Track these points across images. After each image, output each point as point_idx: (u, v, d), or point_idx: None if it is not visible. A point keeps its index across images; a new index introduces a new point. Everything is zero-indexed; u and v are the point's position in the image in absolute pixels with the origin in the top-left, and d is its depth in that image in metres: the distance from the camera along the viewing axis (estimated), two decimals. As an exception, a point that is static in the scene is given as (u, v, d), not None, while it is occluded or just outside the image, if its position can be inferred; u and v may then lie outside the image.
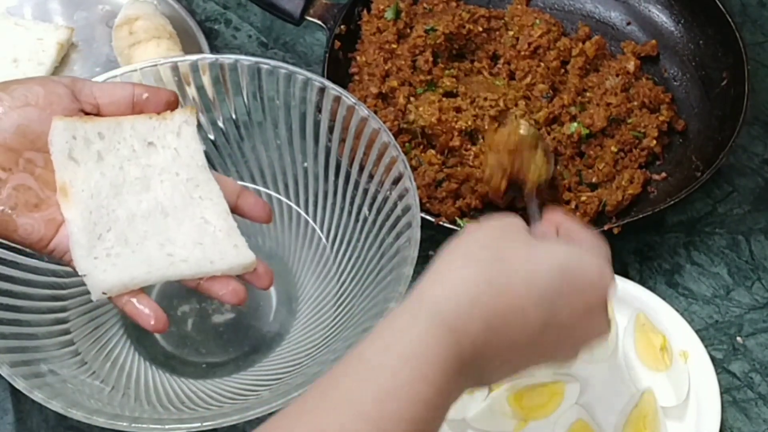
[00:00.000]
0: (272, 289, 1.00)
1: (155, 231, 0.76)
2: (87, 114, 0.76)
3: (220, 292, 0.76)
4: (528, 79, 1.11)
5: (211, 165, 1.03)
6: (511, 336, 0.62)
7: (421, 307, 0.61)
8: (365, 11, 1.14)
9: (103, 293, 0.73)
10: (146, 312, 0.74)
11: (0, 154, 0.71)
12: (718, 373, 0.95)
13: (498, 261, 0.63)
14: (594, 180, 1.06)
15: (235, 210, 0.79)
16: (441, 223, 0.99)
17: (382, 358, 0.58)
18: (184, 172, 0.78)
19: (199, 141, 0.79)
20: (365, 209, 0.96)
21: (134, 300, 0.74)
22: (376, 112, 0.99)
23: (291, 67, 0.95)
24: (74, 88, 0.75)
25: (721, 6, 1.11)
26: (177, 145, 0.78)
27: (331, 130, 0.97)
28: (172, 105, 0.79)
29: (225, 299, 0.76)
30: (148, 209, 0.76)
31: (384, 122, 0.97)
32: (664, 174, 1.08)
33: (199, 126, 0.83)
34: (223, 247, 0.76)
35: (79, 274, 0.73)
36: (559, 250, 0.66)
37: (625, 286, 0.99)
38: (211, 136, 1.00)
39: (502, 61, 1.13)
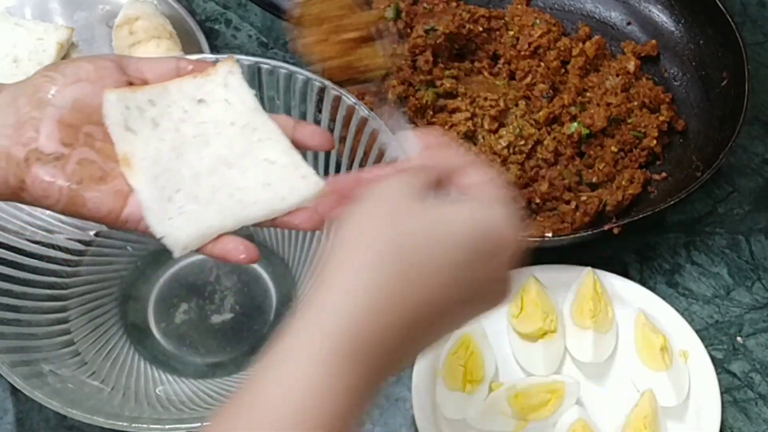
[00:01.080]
0: (272, 289, 1.00)
1: (223, 183, 0.75)
2: (135, 86, 0.77)
3: (295, 221, 0.74)
4: (528, 79, 1.11)
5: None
6: (417, 323, 0.57)
7: (318, 321, 0.55)
8: (365, 11, 1.14)
9: (184, 248, 0.72)
10: (232, 247, 0.72)
11: (60, 130, 0.71)
12: (718, 373, 0.95)
13: (400, 244, 0.56)
14: (594, 180, 1.06)
15: (295, 144, 0.77)
16: (441, 223, 0.99)
17: (277, 411, 0.53)
18: (239, 120, 0.78)
19: (247, 86, 0.78)
20: (365, 209, 0.96)
21: (217, 244, 0.73)
22: (373, 110, 0.99)
23: (291, 67, 0.95)
24: (120, 63, 0.76)
25: (721, 6, 1.11)
26: (227, 96, 0.78)
27: (331, 130, 0.97)
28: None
29: (303, 227, 0.75)
30: (212, 164, 0.76)
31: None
32: (664, 174, 1.08)
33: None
34: (292, 181, 0.75)
35: (157, 237, 0.72)
36: (464, 216, 0.59)
37: (625, 286, 1.00)
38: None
39: (502, 61, 1.13)
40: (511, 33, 1.14)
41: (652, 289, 1.00)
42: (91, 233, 0.99)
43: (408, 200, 0.59)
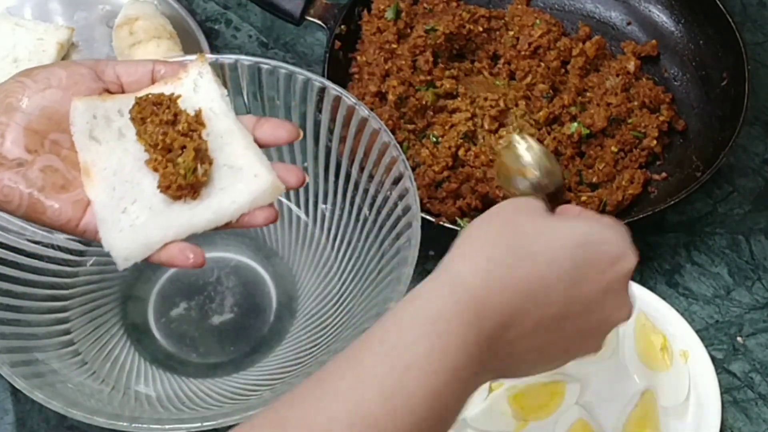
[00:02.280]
0: (272, 289, 1.00)
1: None
2: (112, 93, 0.76)
3: (251, 222, 0.73)
4: (528, 79, 1.11)
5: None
6: (534, 316, 0.61)
7: (445, 279, 0.60)
8: (365, 11, 1.14)
9: (126, 260, 0.72)
10: (177, 252, 0.72)
11: (26, 136, 0.71)
12: (718, 373, 0.95)
13: (520, 236, 0.62)
14: (594, 180, 1.06)
15: (258, 143, 0.76)
16: (441, 223, 0.99)
17: (404, 329, 0.58)
18: (204, 128, 0.76)
19: (218, 86, 0.77)
20: (365, 209, 0.96)
21: (163, 252, 0.72)
22: (373, 110, 0.99)
23: (291, 67, 0.95)
24: (97, 69, 0.76)
25: (721, 6, 1.11)
26: (194, 102, 0.76)
27: (331, 130, 0.97)
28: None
29: (258, 225, 0.74)
30: None
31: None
32: (664, 174, 1.08)
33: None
34: (244, 182, 0.73)
35: (105, 249, 0.72)
36: (580, 225, 0.65)
37: (625, 286, 0.99)
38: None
39: (502, 61, 1.13)
40: (511, 33, 1.14)
41: (652, 289, 1.00)
42: (92, 233, 0.99)
43: (530, 211, 0.65)
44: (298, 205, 1.03)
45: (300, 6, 1.10)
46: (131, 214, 0.72)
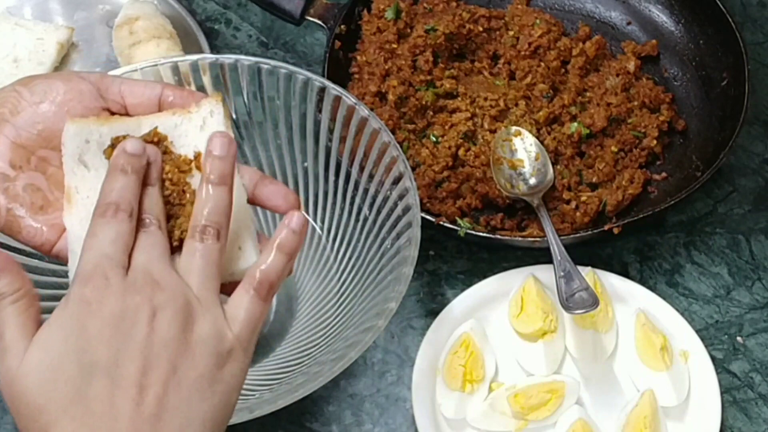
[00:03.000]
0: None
1: None
2: (114, 113, 0.72)
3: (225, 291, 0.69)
4: (528, 79, 1.11)
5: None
6: None
7: None
8: (365, 11, 1.14)
9: None
10: None
11: (13, 150, 0.69)
12: (718, 373, 0.95)
13: None
14: (594, 180, 1.06)
15: (252, 201, 0.71)
16: (441, 222, 0.99)
17: None
18: (201, 172, 0.69)
19: (227, 128, 0.70)
20: (365, 209, 0.96)
21: None
22: (373, 110, 0.99)
23: (291, 67, 0.95)
24: (101, 85, 0.72)
25: (721, 6, 1.11)
26: (198, 141, 0.70)
27: (331, 130, 0.97)
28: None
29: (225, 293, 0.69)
30: None
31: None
32: (664, 174, 1.08)
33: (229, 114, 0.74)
34: (227, 251, 0.67)
35: (69, 281, 0.68)
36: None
37: (625, 286, 1.00)
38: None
39: (502, 61, 1.13)
40: (511, 33, 1.14)
41: (652, 289, 1.01)
42: (92, 233, 0.99)
43: None
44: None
45: (300, 6, 1.10)
46: None
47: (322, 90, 0.95)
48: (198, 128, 0.70)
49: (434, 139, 1.06)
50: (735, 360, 1.00)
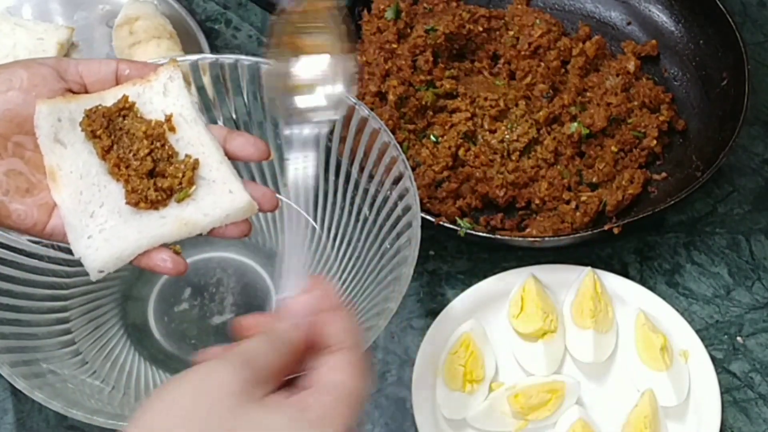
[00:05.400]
0: (272, 289, 1.00)
1: None
2: (74, 93, 0.75)
3: (223, 235, 0.73)
4: (528, 79, 1.11)
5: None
6: None
7: None
8: (365, 11, 1.14)
9: (100, 272, 0.71)
10: (158, 261, 0.72)
11: None
12: (718, 373, 0.95)
13: None
14: (594, 180, 1.06)
15: (228, 155, 0.75)
16: (441, 223, 0.99)
17: None
18: (174, 133, 0.75)
19: (188, 93, 0.76)
20: (365, 209, 0.96)
21: (143, 258, 0.72)
22: (373, 110, 0.99)
23: (291, 67, 0.95)
24: (59, 68, 0.74)
25: (721, 6, 1.11)
26: (164, 106, 0.75)
27: (331, 130, 0.97)
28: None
29: (231, 238, 0.74)
30: None
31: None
32: (664, 174, 1.08)
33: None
34: (217, 196, 0.72)
35: (75, 257, 0.72)
36: (274, 423, 0.54)
37: (625, 286, 1.00)
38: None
39: (502, 61, 1.13)
40: (511, 33, 1.14)
41: (652, 289, 1.00)
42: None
43: (225, 396, 0.54)
44: (298, 204, 1.02)
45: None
46: (99, 219, 0.72)
47: (322, 90, 0.95)
48: (161, 94, 0.75)
49: (434, 139, 1.06)
50: (735, 360, 1.00)
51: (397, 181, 0.90)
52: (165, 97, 0.75)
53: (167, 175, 0.71)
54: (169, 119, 0.73)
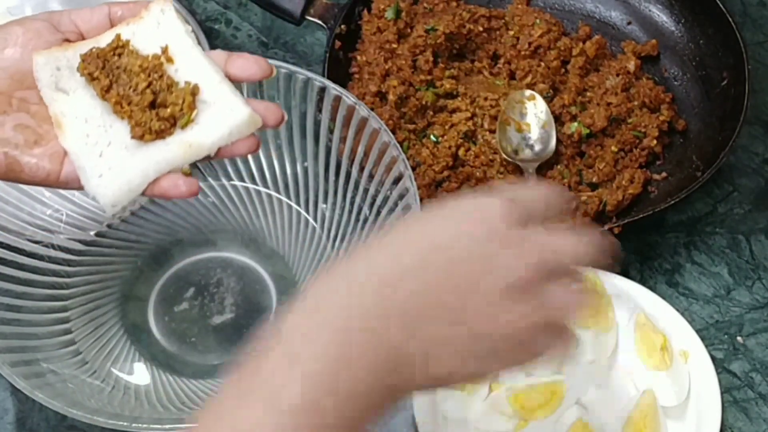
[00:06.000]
0: (272, 289, 1.00)
1: None
2: (71, 42, 0.75)
3: (233, 153, 0.73)
4: (528, 79, 1.11)
5: (211, 164, 1.03)
6: (425, 329, 0.56)
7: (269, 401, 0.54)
8: (366, 11, 1.14)
9: (113, 206, 0.71)
10: (169, 185, 0.72)
11: None
12: (718, 373, 0.95)
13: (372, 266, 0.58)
14: (594, 180, 1.06)
15: (229, 78, 0.74)
16: (441, 222, 0.99)
17: None
18: (172, 64, 0.75)
19: (181, 22, 0.76)
20: (365, 209, 0.96)
21: (156, 185, 0.72)
22: (373, 110, 0.99)
23: (291, 67, 0.95)
24: (52, 20, 0.75)
25: (721, 6, 1.11)
26: (159, 39, 0.75)
27: (331, 130, 0.97)
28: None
29: (240, 154, 0.74)
30: None
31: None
32: (664, 174, 1.08)
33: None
34: (219, 115, 0.72)
35: (89, 197, 0.72)
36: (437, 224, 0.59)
37: (625, 286, 0.99)
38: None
39: (502, 60, 1.13)
40: (511, 33, 1.14)
41: (652, 288, 1.00)
42: (92, 233, 0.99)
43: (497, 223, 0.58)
44: (298, 204, 1.03)
45: (300, 5, 1.10)
46: (108, 157, 0.72)
47: (322, 90, 0.95)
48: (155, 28, 0.75)
49: (434, 139, 1.06)
50: (735, 360, 1.00)
51: (397, 181, 0.90)
52: (158, 29, 0.76)
53: (168, 105, 0.71)
54: (165, 51, 0.74)
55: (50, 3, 1.21)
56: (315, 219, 1.02)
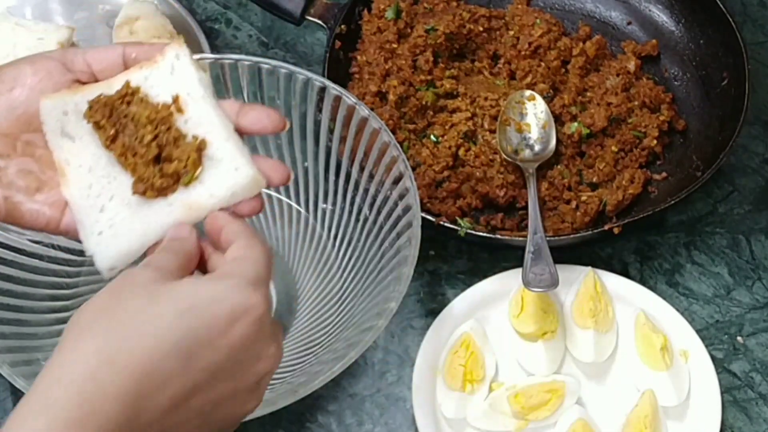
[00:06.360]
0: (272, 289, 1.00)
1: None
2: (84, 83, 0.73)
3: (235, 213, 0.70)
4: (528, 79, 1.11)
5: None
6: (162, 397, 0.56)
7: (40, 406, 0.55)
8: (366, 11, 1.14)
9: (111, 269, 0.69)
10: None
11: None
12: (718, 373, 0.95)
13: (121, 319, 0.58)
14: (594, 180, 1.06)
15: (239, 131, 0.72)
16: (441, 222, 0.99)
17: None
18: (183, 115, 0.72)
19: (195, 70, 0.72)
20: (365, 209, 0.96)
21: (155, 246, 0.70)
22: (373, 110, 1.00)
23: (291, 67, 0.95)
24: (65, 60, 0.72)
25: (721, 6, 1.11)
26: (171, 86, 0.72)
27: (331, 130, 0.97)
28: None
29: (243, 215, 0.70)
30: None
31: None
32: (664, 174, 1.08)
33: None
34: (222, 175, 0.69)
35: (87, 254, 0.69)
36: (183, 289, 0.60)
37: (625, 286, 1.00)
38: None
39: (502, 60, 1.13)
40: (512, 33, 1.14)
41: (653, 288, 1.01)
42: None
43: (135, 285, 0.60)
44: (298, 204, 1.03)
45: (300, 6, 1.10)
46: (109, 212, 0.70)
47: (323, 90, 0.95)
48: (168, 74, 0.72)
49: (434, 139, 1.06)
50: (735, 360, 1.00)
51: (397, 181, 0.90)
52: (172, 76, 0.72)
53: (173, 159, 0.68)
54: (176, 100, 0.71)
55: (50, 3, 1.22)
56: (315, 219, 1.02)
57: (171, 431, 0.58)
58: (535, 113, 1.06)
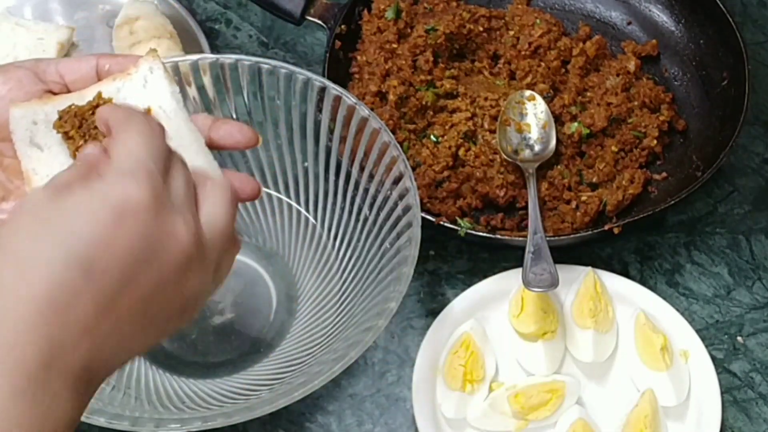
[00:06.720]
0: (272, 289, 1.00)
1: None
2: (56, 94, 0.72)
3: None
4: (528, 79, 1.11)
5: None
6: (76, 315, 0.54)
7: None
8: (366, 11, 1.14)
9: None
10: None
11: None
12: (718, 373, 0.95)
13: (9, 255, 0.55)
14: (594, 180, 1.06)
15: (211, 146, 0.71)
16: (441, 222, 0.99)
17: None
18: None
19: (168, 84, 0.72)
20: (365, 209, 0.96)
21: None
22: (373, 110, 1.00)
23: (291, 67, 0.95)
24: (37, 69, 0.72)
25: (721, 6, 1.11)
26: (144, 99, 0.72)
27: (331, 130, 0.97)
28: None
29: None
30: None
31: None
32: (664, 174, 1.08)
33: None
34: None
35: None
36: (64, 208, 0.57)
37: (625, 286, 1.00)
38: (212, 136, 1.00)
39: (502, 60, 1.13)
40: (512, 33, 1.14)
41: (653, 288, 1.01)
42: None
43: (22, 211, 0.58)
44: (298, 204, 1.03)
45: (300, 6, 1.10)
46: None
47: (323, 90, 0.95)
48: (141, 87, 0.72)
49: (434, 139, 1.06)
50: (735, 360, 1.00)
51: (397, 181, 0.90)
52: (145, 89, 0.72)
53: None
54: (148, 113, 0.70)
55: (50, 3, 1.22)
56: (315, 218, 1.02)
57: (112, 339, 0.56)
58: (535, 113, 1.06)
